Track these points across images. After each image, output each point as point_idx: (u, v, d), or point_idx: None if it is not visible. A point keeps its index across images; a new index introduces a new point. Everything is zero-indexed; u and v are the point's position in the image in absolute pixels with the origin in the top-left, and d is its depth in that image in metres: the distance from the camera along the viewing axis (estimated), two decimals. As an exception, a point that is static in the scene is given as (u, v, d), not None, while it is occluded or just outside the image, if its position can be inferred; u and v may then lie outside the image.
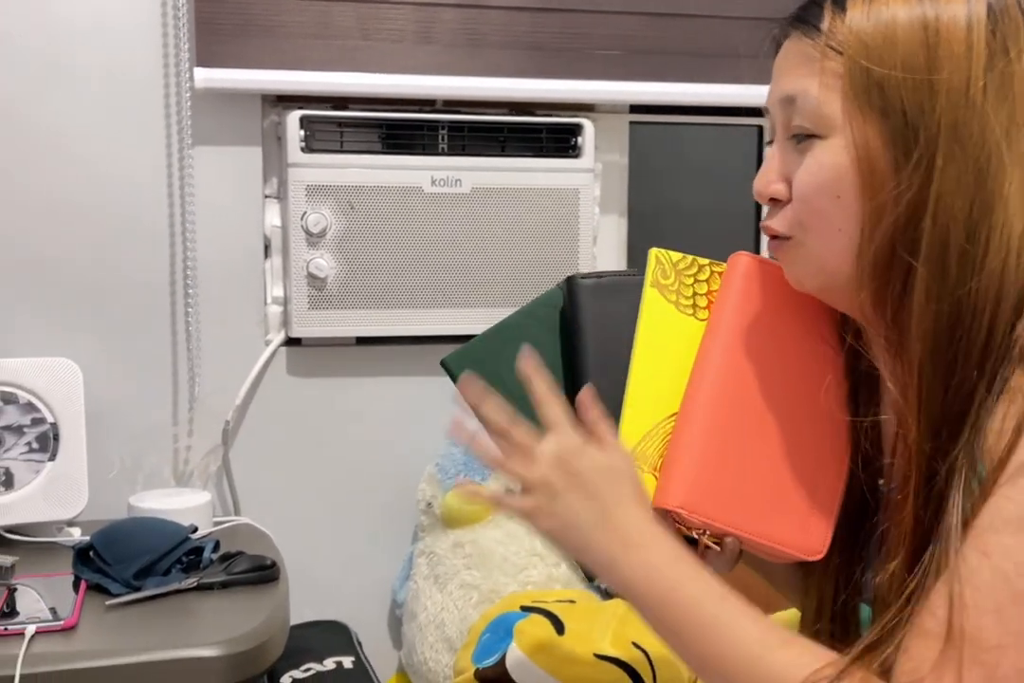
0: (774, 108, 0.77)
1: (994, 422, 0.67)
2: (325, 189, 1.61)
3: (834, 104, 0.72)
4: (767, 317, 0.82)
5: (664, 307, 0.84)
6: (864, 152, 0.71)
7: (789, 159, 0.75)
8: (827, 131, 0.72)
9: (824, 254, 0.74)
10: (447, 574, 1.55)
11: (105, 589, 1.24)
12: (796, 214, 0.75)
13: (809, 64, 0.73)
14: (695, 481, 0.77)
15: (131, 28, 1.56)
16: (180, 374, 1.63)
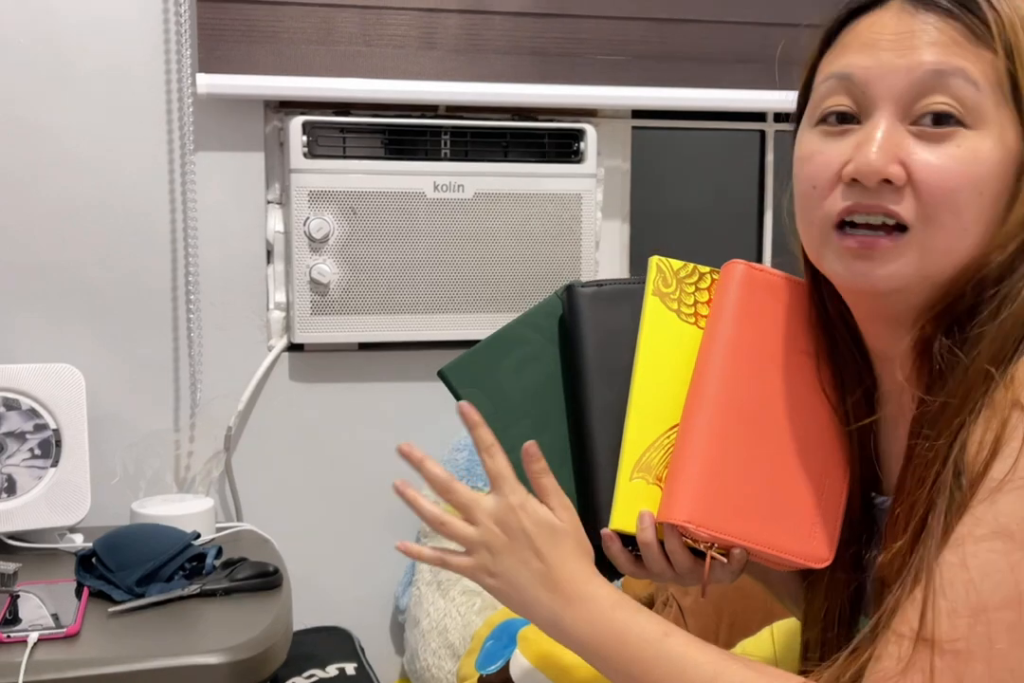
0: (891, 79, 0.69)
1: (975, 434, 0.67)
2: (328, 195, 1.61)
3: (993, 95, 0.68)
4: (764, 325, 0.81)
5: (666, 316, 0.83)
6: (1012, 153, 0.69)
7: (905, 139, 0.69)
8: (977, 122, 0.68)
9: (938, 253, 0.70)
10: (450, 580, 1.55)
11: (108, 596, 1.23)
12: (928, 204, 0.68)
13: (964, 45, 0.68)
14: (701, 494, 0.77)
15: (133, 33, 1.56)
16: (182, 380, 1.63)
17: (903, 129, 0.70)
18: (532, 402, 0.84)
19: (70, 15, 1.54)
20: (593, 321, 0.84)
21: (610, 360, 0.83)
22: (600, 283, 0.86)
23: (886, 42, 0.70)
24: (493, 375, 0.84)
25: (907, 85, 0.69)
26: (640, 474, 0.80)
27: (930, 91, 0.69)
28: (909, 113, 0.70)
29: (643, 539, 0.78)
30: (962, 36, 0.69)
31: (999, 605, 0.63)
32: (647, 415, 0.81)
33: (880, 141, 0.69)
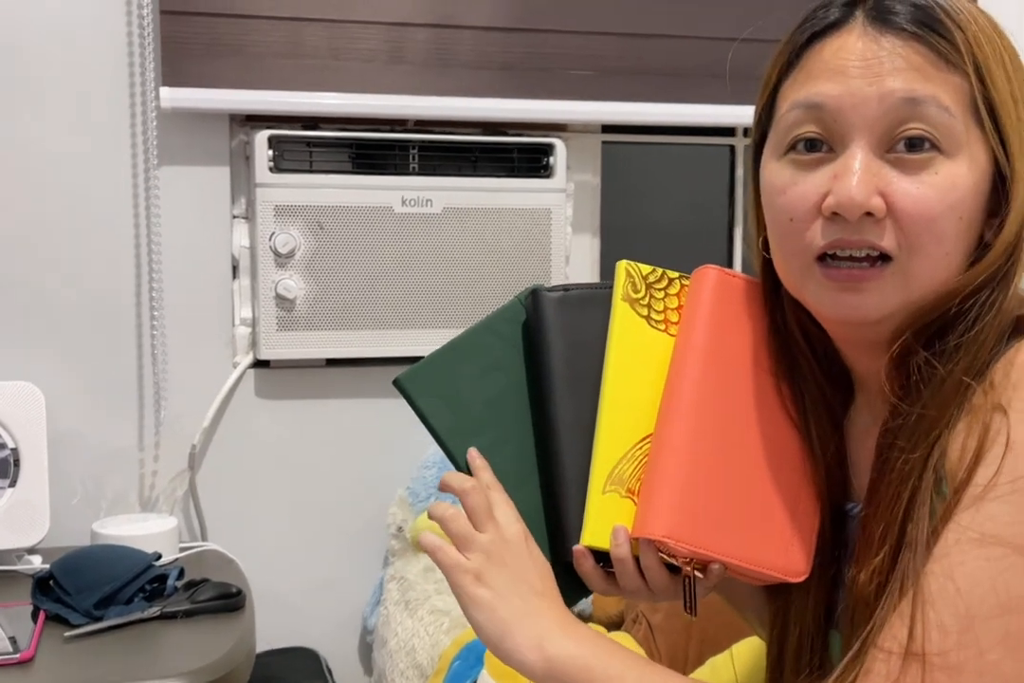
0: (864, 109, 0.68)
1: (956, 440, 0.66)
2: (294, 209, 1.59)
3: (965, 120, 0.68)
4: (737, 332, 0.79)
5: (636, 322, 0.80)
6: (985, 176, 0.69)
7: (883, 170, 0.68)
8: (953, 148, 0.68)
9: (923, 280, 0.69)
10: (418, 600, 1.53)
11: (65, 619, 1.21)
12: (910, 233, 0.68)
13: (933, 70, 0.68)
14: (678, 509, 0.75)
15: (96, 47, 1.54)
16: (146, 397, 1.60)
17: (880, 159, 0.69)
18: (494, 412, 0.80)
19: (32, 28, 1.53)
20: (559, 327, 0.80)
21: (577, 368, 0.80)
22: (566, 287, 0.82)
23: (854, 69, 0.69)
24: (452, 384, 0.80)
25: (880, 114, 0.68)
26: (612, 487, 0.77)
27: (904, 119, 0.68)
28: (884, 141, 0.69)
29: (618, 555, 0.75)
30: (929, 60, 0.68)
31: (988, 615, 0.61)
32: (618, 426, 0.78)
33: (859, 173, 0.68)
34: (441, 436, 0.79)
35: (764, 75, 0.76)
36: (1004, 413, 0.65)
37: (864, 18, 0.70)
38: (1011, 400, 0.65)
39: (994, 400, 0.66)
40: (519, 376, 0.82)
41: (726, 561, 0.75)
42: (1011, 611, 0.61)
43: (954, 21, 0.68)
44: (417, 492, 1.61)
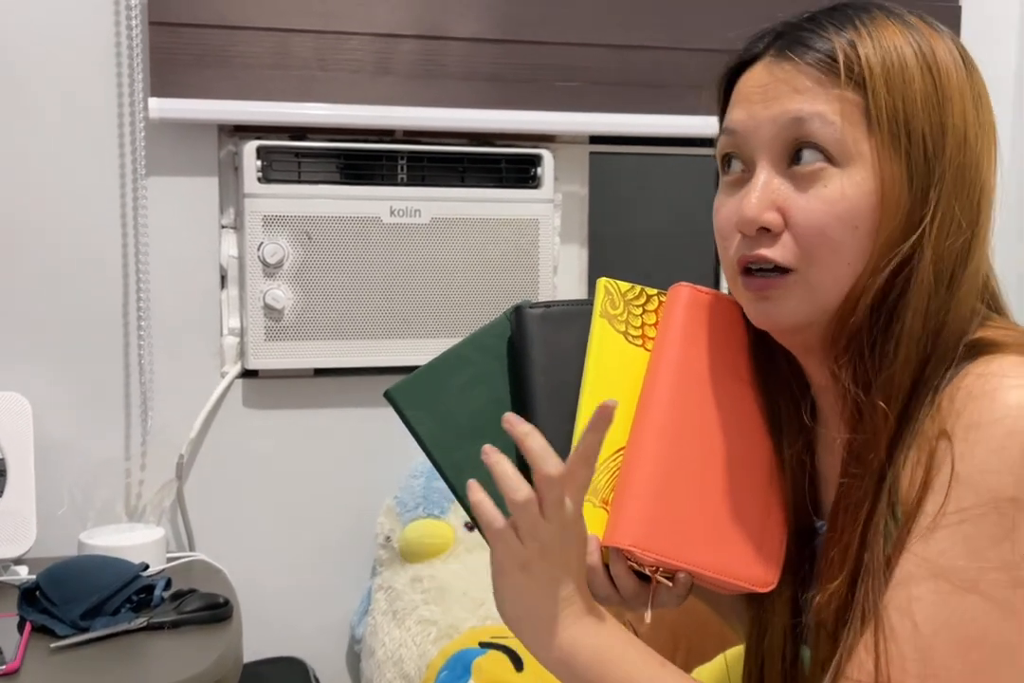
0: (762, 130, 0.73)
1: (907, 466, 0.68)
2: (282, 219, 1.59)
3: (856, 134, 0.70)
4: (708, 348, 0.82)
5: (613, 337, 0.83)
6: (889, 185, 0.70)
7: (781, 187, 0.72)
8: (846, 160, 0.70)
9: (826, 288, 0.72)
10: (405, 609, 1.53)
11: (51, 631, 1.20)
12: (804, 244, 0.71)
13: (819, 87, 0.71)
14: (645, 519, 0.77)
15: (85, 57, 1.55)
16: (133, 407, 1.60)
17: (781, 177, 0.73)
18: (479, 424, 0.83)
19: (20, 38, 1.53)
20: (541, 342, 0.83)
21: (558, 382, 0.82)
22: (548, 304, 0.85)
23: (755, 95, 0.74)
24: (440, 396, 0.83)
25: (775, 133, 0.72)
26: (587, 498, 0.78)
27: (795, 136, 0.72)
28: (783, 159, 0.73)
29: (589, 563, 0.77)
30: (818, 80, 0.71)
31: (947, 652, 0.63)
32: None
33: (757, 191, 0.72)
34: (427, 446, 0.82)
35: (717, 105, 0.82)
36: (948, 439, 0.66)
37: (771, 50, 0.75)
38: (954, 427, 0.67)
39: (940, 426, 0.67)
40: (504, 389, 0.84)
41: (692, 570, 0.77)
42: (969, 647, 0.63)
43: (846, 40, 0.72)
44: (405, 501, 1.61)
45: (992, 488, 0.64)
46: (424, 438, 0.82)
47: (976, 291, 0.73)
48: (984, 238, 0.73)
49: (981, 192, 0.72)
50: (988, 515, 0.64)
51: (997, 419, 0.65)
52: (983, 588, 0.63)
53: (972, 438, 0.65)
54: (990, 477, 0.64)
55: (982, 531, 0.64)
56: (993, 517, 0.64)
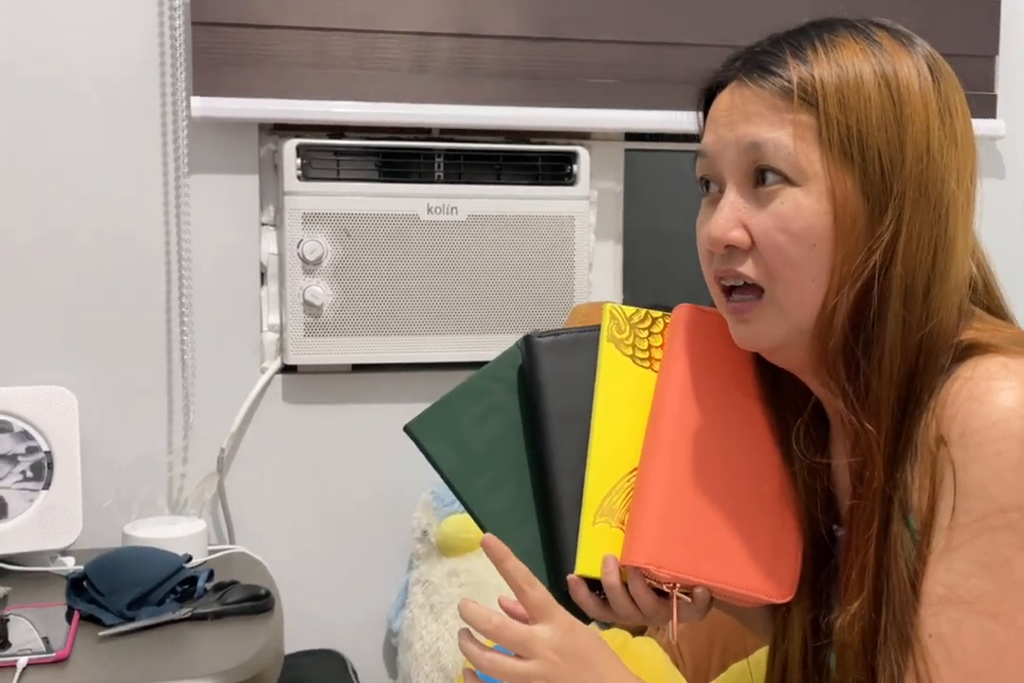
0: (727, 153, 0.75)
1: (916, 479, 0.69)
2: (321, 217, 1.61)
3: (810, 154, 0.72)
4: (713, 366, 0.83)
5: (621, 361, 0.85)
6: (842, 202, 0.71)
7: (745, 205, 0.74)
8: (802, 179, 0.72)
9: (795, 307, 0.74)
10: (442, 603, 1.54)
11: (98, 620, 1.23)
12: (767, 262, 0.73)
13: (774, 112, 0.73)
14: (660, 537, 0.79)
15: (128, 57, 1.57)
16: (175, 402, 1.63)
17: (746, 197, 0.75)
18: (496, 453, 0.86)
19: (65, 39, 1.55)
20: (550, 370, 0.85)
21: (569, 407, 0.84)
22: (556, 332, 0.88)
23: (722, 118, 0.76)
24: (457, 428, 0.86)
25: (736, 156, 0.74)
26: (603, 518, 0.81)
27: (755, 159, 0.74)
28: (747, 178, 0.75)
29: (608, 583, 0.80)
30: (774, 106, 0.73)
31: (985, 676, 0.65)
32: (607, 460, 0.82)
33: (724, 210, 0.74)
34: (447, 476, 0.85)
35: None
36: (947, 447, 0.67)
37: (735, 74, 0.77)
38: (949, 433, 0.67)
39: (936, 433, 0.68)
40: (517, 417, 0.87)
41: (708, 584, 0.79)
42: (1001, 668, 0.65)
43: (804, 64, 0.73)
44: (442, 496, 1.62)
45: (996, 496, 0.65)
46: (444, 469, 0.85)
47: (956, 302, 0.73)
48: (960, 247, 0.73)
49: (949, 204, 0.72)
50: (998, 528, 0.65)
51: (990, 424, 0.66)
52: (1007, 610, 0.65)
53: (968, 445, 0.66)
54: (992, 486, 0.65)
55: (997, 545, 0.65)
56: (1004, 530, 0.65)
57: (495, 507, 0.84)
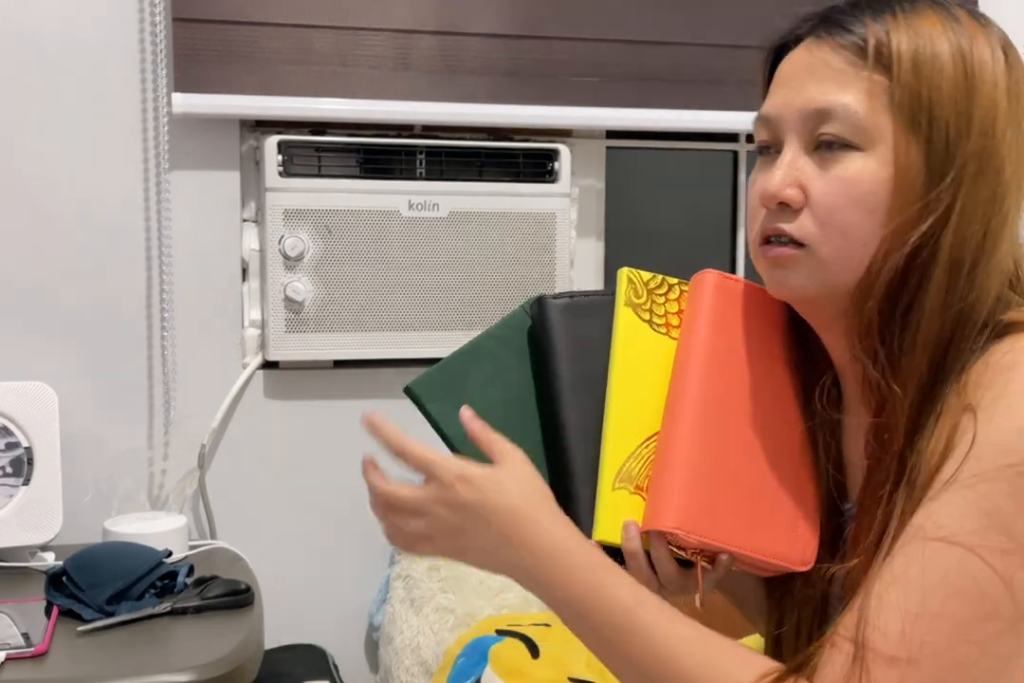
0: (791, 117, 0.76)
1: (930, 442, 0.69)
2: (303, 213, 1.62)
3: (879, 119, 0.72)
4: (736, 333, 0.82)
5: (639, 326, 0.83)
6: (904, 170, 0.72)
7: (805, 165, 0.75)
8: (868, 144, 0.73)
9: (838, 266, 0.74)
10: (423, 597, 1.55)
11: (78, 615, 1.23)
12: (819, 223, 0.74)
13: (847, 75, 0.74)
14: (688, 501, 0.77)
15: (110, 53, 1.57)
16: (156, 397, 1.63)
17: (807, 155, 0.75)
18: (502, 416, 0.82)
19: (46, 34, 1.55)
20: (565, 333, 0.83)
21: (583, 372, 0.82)
22: (571, 295, 0.85)
23: (789, 80, 0.77)
24: (461, 390, 0.83)
25: (801, 120, 0.75)
26: (621, 484, 0.79)
27: (820, 123, 0.74)
28: (810, 141, 0.75)
29: (629, 549, 0.78)
30: (849, 62, 0.74)
31: (937, 605, 0.64)
32: (625, 425, 0.80)
33: (781, 168, 0.75)
34: (451, 440, 0.81)
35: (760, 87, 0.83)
36: (973, 413, 0.67)
37: (810, 31, 0.77)
38: (980, 399, 0.68)
39: (964, 401, 0.69)
40: (525, 381, 0.85)
41: (734, 551, 0.77)
42: (960, 604, 0.63)
43: (882, 26, 0.74)
44: (423, 492, 1.63)
45: (1012, 452, 0.65)
46: (448, 432, 0.81)
47: (1001, 279, 0.74)
48: (1010, 228, 0.74)
49: (1007, 184, 0.73)
50: (1002, 479, 0.65)
51: (1023, 389, 0.66)
52: (982, 552, 0.64)
53: (997, 407, 0.66)
54: (1012, 440, 0.65)
55: (995, 492, 0.64)
56: (1006, 482, 0.64)
57: None
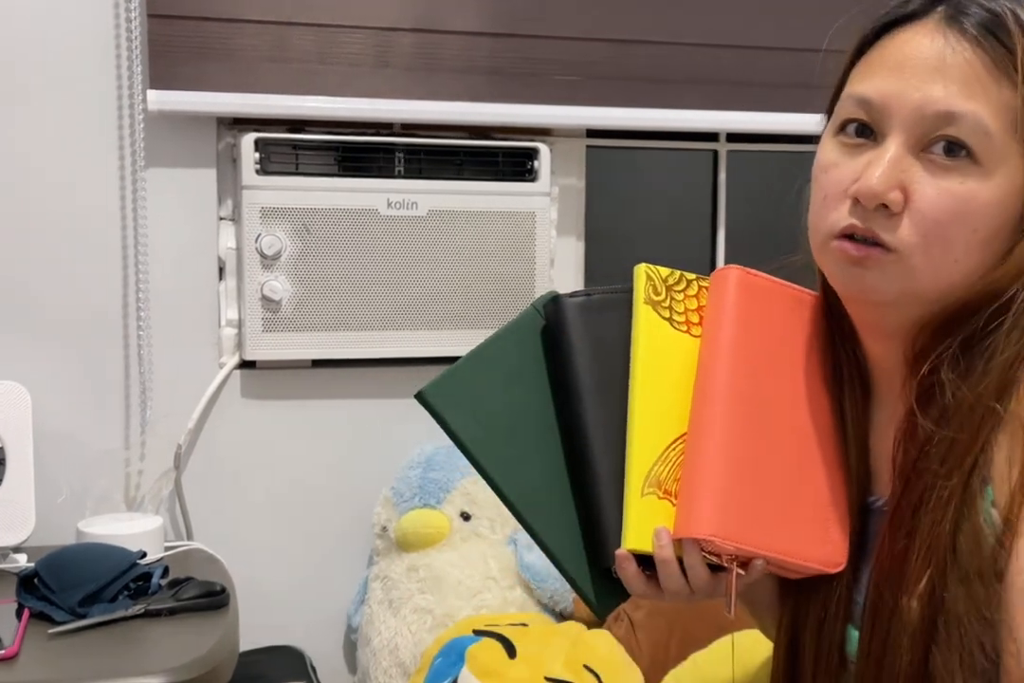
0: (905, 112, 0.70)
1: (998, 459, 0.67)
2: (280, 212, 1.60)
3: (1008, 139, 0.68)
4: (762, 330, 0.80)
5: (659, 324, 0.80)
6: (1019, 191, 0.69)
7: (912, 168, 0.70)
8: (990, 162, 0.69)
9: (926, 277, 0.71)
10: (401, 598, 1.54)
11: (49, 617, 1.21)
12: (919, 233, 0.70)
13: (983, 78, 0.68)
14: (722, 507, 0.74)
15: (84, 49, 1.55)
16: (132, 397, 1.61)
17: (912, 156, 0.71)
18: (521, 421, 0.80)
19: (19, 30, 1.53)
20: (583, 333, 0.80)
21: (603, 373, 0.79)
22: (588, 292, 0.82)
23: (911, 67, 0.70)
24: (477, 395, 0.79)
25: (919, 118, 0.70)
26: (650, 489, 0.76)
27: (941, 126, 0.69)
28: (921, 141, 0.70)
29: (662, 556, 0.75)
30: (985, 67, 0.68)
31: None
32: (651, 428, 0.78)
33: (885, 166, 0.70)
34: (469, 448, 0.78)
35: (845, 56, 0.77)
36: None
37: (940, 15, 0.71)
38: None
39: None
40: (542, 384, 0.81)
41: (769, 556, 0.75)
42: None
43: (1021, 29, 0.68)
44: (401, 492, 1.62)
45: None
46: (466, 440, 0.78)
47: None
48: None
49: None
50: None
51: None
52: None
53: None
54: None
55: None
56: None
57: (524, 481, 0.78)
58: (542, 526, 0.76)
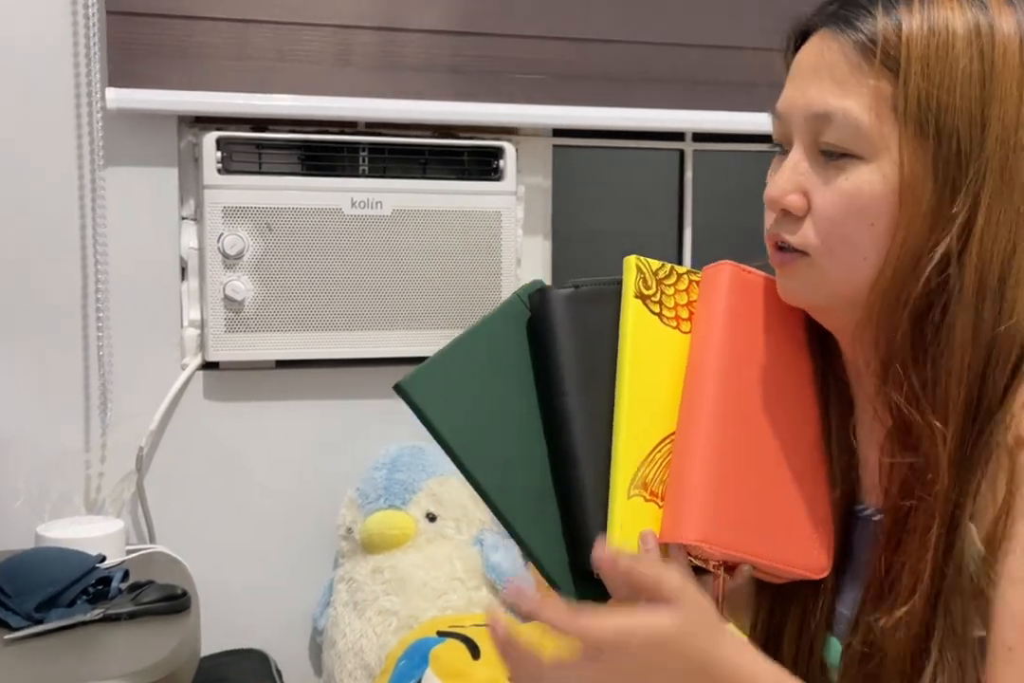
0: (796, 118, 0.71)
1: (984, 484, 0.66)
2: (242, 211, 1.59)
3: (883, 127, 0.67)
4: (754, 329, 0.78)
5: (649, 319, 0.78)
6: (910, 181, 0.67)
7: (809, 171, 0.70)
8: (871, 154, 0.68)
9: (839, 278, 0.71)
10: (366, 600, 1.53)
11: (5, 623, 1.20)
12: (820, 234, 0.70)
13: (851, 77, 0.68)
14: (710, 512, 0.73)
15: (42, 47, 1.53)
16: (92, 398, 1.60)
17: (809, 160, 0.71)
18: (504, 415, 0.77)
19: (-24, 27, 1.51)
20: (569, 326, 0.77)
21: (589, 368, 0.77)
22: (576, 284, 0.79)
23: (800, 74, 0.72)
24: (458, 388, 0.75)
25: (803, 122, 0.71)
26: (637, 491, 0.74)
27: (821, 129, 0.70)
28: (815, 145, 0.71)
29: None
30: (855, 66, 0.68)
31: None
32: (638, 427, 0.76)
33: (784, 172, 0.71)
34: (449, 442, 0.75)
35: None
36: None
37: (826, 21, 0.71)
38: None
39: (1017, 433, 0.65)
40: (526, 376, 0.79)
41: (756, 561, 0.74)
42: None
43: (893, 19, 0.68)
44: (367, 493, 1.61)
45: None
46: (445, 434, 0.75)
47: None
48: None
49: None
50: None
51: None
52: None
53: None
54: None
55: None
56: None
57: (504, 478, 0.75)
58: (522, 524, 0.74)
